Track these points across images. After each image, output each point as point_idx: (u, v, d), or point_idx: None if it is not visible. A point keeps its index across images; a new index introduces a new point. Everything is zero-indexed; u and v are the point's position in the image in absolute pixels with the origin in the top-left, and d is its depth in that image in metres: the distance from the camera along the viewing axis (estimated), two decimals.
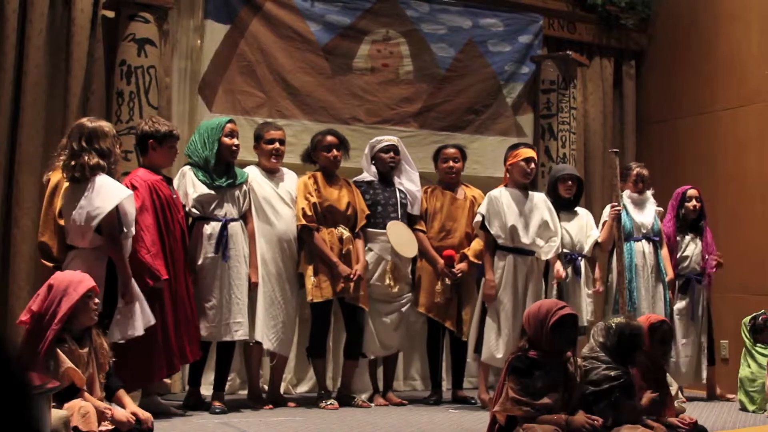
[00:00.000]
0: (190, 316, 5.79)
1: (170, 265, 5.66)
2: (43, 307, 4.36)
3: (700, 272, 7.34)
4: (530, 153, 6.62)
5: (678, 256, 7.33)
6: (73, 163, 5.08)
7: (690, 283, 7.29)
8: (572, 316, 4.59)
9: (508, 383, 4.46)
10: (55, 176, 5.21)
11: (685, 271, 7.31)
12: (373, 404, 6.51)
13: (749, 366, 6.80)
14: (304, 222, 6.31)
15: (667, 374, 5.26)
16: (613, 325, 4.73)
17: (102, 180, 5.08)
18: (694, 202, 7.34)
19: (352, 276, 6.30)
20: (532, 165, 6.57)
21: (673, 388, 5.25)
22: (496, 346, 6.30)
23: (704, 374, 7.31)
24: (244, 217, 6.17)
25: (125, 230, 5.18)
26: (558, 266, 6.62)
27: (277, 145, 6.37)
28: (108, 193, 5.05)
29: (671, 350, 5.40)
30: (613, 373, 4.58)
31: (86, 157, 5.07)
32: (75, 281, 4.42)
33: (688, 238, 7.35)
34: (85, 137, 5.14)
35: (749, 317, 7.04)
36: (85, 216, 5.02)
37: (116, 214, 5.11)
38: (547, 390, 4.43)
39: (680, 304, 7.28)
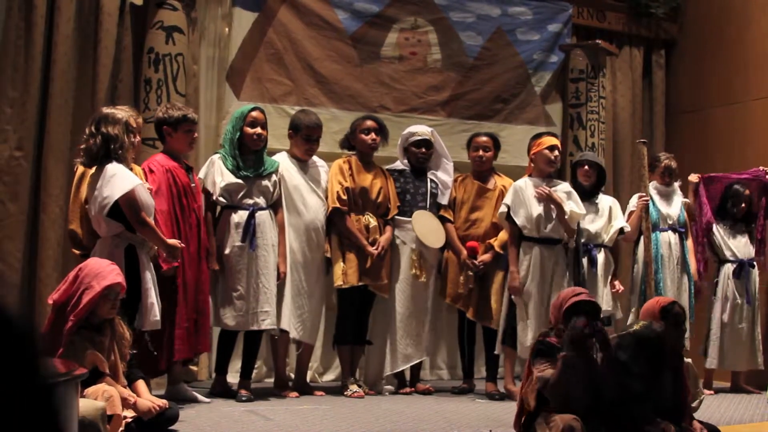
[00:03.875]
0: (202, 308, 5.74)
1: (184, 253, 5.56)
2: (65, 297, 4.36)
3: (752, 258, 7.34)
4: (553, 141, 6.57)
5: (724, 243, 7.32)
6: (83, 146, 5.08)
7: (743, 268, 7.28)
8: (589, 303, 4.44)
9: (533, 367, 4.41)
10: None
11: (732, 258, 7.30)
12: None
13: None
14: (338, 205, 6.31)
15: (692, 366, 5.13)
16: (634, 341, 4.36)
17: (113, 169, 5.00)
18: (743, 205, 7.32)
19: (373, 252, 6.31)
20: (556, 153, 6.52)
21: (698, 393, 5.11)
22: (525, 338, 6.27)
23: (760, 359, 7.26)
24: (274, 206, 6.13)
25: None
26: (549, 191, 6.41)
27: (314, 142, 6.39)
28: (117, 182, 4.96)
29: (685, 332, 5.27)
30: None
31: (91, 142, 5.03)
32: (101, 275, 4.39)
33: (739, 235, 7.32)
34: (95, 121, 5.09)
35: None
36: (97, 206, 5.00)
37: (135, 197, 5.00)
38: None
39: (735, 289, 7.25)
